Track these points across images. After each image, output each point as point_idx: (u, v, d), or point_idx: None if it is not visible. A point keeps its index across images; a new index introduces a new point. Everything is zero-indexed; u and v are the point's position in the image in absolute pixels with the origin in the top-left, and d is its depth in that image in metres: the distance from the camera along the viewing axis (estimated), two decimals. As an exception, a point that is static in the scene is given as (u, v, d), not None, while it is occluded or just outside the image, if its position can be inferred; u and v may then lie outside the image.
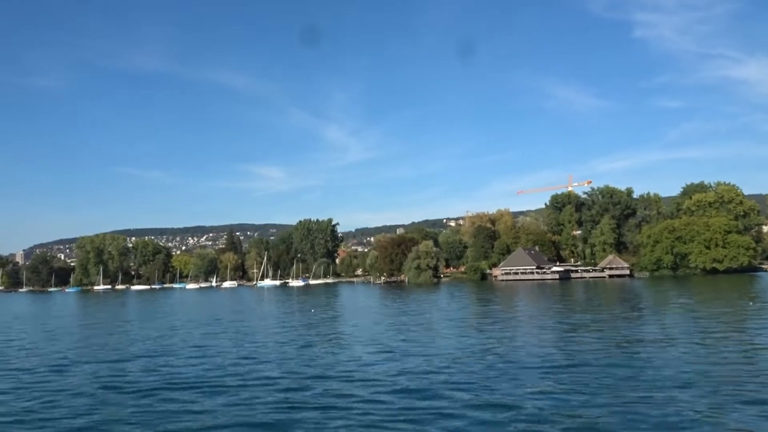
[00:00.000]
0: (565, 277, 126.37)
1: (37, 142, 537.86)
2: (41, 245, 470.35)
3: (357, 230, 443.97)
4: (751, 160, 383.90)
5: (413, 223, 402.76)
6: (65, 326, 51.79)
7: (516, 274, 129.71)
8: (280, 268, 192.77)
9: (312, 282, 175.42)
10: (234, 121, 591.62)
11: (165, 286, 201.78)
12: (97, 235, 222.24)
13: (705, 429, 14.19)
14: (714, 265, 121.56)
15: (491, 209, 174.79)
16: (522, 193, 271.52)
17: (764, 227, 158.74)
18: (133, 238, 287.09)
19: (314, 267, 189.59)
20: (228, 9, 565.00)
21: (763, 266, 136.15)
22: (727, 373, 20.19)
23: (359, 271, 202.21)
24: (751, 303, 48.71)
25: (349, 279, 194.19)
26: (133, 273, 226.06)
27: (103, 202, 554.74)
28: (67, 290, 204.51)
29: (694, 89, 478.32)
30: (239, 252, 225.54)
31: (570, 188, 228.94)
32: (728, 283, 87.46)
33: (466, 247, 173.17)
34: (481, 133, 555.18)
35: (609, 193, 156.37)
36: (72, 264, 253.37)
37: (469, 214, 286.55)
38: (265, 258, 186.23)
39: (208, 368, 24.80)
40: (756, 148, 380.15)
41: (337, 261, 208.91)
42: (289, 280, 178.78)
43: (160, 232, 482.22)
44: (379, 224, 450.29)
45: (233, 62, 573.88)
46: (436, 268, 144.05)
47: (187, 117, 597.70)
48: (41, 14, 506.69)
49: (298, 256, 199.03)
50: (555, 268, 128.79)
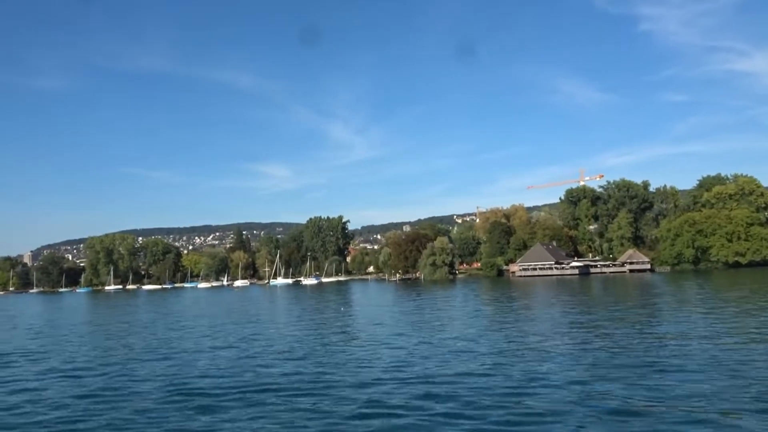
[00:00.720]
0: (584, 272, 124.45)
1: (43, 143, 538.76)
2: (48, 246, 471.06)
3: (363, 228, 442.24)
4: (758, 153, 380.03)
5: (419, 220, 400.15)
6: (119, 329, 49.69)
7: (534, 269, 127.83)
8: (291, 267, 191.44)
9: (324, 280, 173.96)
10: (239, 119, 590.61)
11: (176, 285, 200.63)
12: (106, 235, 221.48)
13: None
14: (737, 258, 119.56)
15: (498, 205, 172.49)
16: (532, 188, 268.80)
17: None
18: (140, 238, 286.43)
19: (326, 265, 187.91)
20: (231, 8, 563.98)
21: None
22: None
23: (370, 269, 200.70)
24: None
25: (361, 277, 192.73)
26: (142, 273, 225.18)
27: (109, 202, 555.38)
28: (78, 290, 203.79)
29: (700, 83, 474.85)
30: (248, 250, 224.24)
31: (582, 182, 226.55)
32: (754, 276, 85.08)
33: (479, 243, 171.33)
34: (486, 129, 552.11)
35: (625, 186, 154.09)
36: (81, 264, 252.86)
37: (480, 210, 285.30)
38: (278, 256, 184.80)
39: (321, 371, 23.62)
40: (763, 141, 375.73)
41: (348, 259, 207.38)
42: (302, 279, 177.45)
43: (167, 231, 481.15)
44: (386, 222, 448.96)
45: (237, 61, 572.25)
46: (451, 265, 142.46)
47: (192, 116, 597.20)
48: (44, 15, 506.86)
49: (309, 254, 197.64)
50: (574, 264, 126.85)
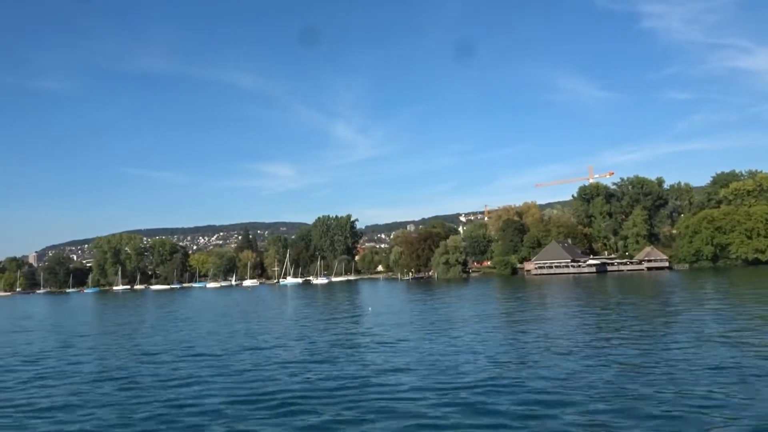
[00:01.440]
0: (601, 270, 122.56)
1: (46, 144, 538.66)
2: (53, 247, 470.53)
3: (367, 227, 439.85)
4: (762, 151, 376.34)
5: (424, 219, 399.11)
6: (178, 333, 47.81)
7: (550, 267, 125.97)
8: (300, 266, 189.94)
9: (334, 279, 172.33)
10: (242, 119, 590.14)
11: (184, 285, 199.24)
12: (113, 235, 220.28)
13: None
14: (756, 255, 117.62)
15: (504, 204, 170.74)
16: (541, 185, 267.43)
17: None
18: (145, 239, 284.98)
19: (336, 264, 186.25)
20: (234, 8, 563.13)
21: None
22: None
23: (379, 268, 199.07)
24: None
25: (370, 276, 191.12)
26: (149, 273, 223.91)
27: (113, 203, 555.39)
28: (85, 291, 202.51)
29: (703, 80, 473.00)
30: (255, 250, 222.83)
31: (591, 180, 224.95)
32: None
33: (489, 241, 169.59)
34: (488, 128, 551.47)
35: (639, 183, 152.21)
36: (88, 265, 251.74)
37: (488, 208, 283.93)
38: (288, 256, 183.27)
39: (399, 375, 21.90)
40: (766, 138, 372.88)
41: (357, 258, 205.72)
42: (312, 278, 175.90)
43: (171, 231, 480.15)
44: (390, 221, 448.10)
45: (240, 61, 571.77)
46: (465, 263, 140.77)
47: (195, 117, 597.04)
48: (47, 17, 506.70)
49: (316, 253, 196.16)
50: (591, 261, 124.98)
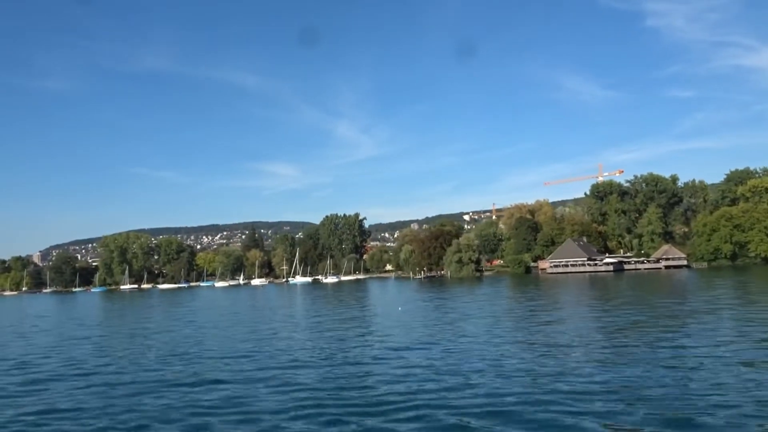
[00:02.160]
0: (618, 269, 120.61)
1: (49, 144, 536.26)
2: (57, 246, 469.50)
3: (371, 226, 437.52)
4: (765, 149, 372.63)
5: (427, 218, 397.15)
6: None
7: (566, 266, 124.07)
8: (308, 265, 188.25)
9: (343, 278, 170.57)
10: (244, 119, 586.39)
11: (191, 284, 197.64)
12: (120, 234, 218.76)
13: None
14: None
15: (506, 202, 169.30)
16: (549, 184, 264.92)
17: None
18: (151, 238, 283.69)
19: (345, 263, 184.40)
20: (236, 8, 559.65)
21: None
22: None
23: (388, 267, 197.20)
24: None
25: (379, 275, 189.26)
26: (156, 272, 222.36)
27: (116, 202, 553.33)
28: (92, 290, 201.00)
29: (707, 78, 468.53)
30: (261, 249, 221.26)
31: (600, 178, 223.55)
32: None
33: (500, 239, 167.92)
34: (491, 127, 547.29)
35: (653, 180, 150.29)
36: (93, 264, 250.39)
37: (495, 207, 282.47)
38: (297, 255, 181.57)
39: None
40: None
41: (365, 257, 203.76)
42: (322, 277, 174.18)
43: (174, 231, 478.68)
44: (393, 220, 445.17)
45: (242, 61, 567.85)
46: (478, 262, 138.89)
47: (198, 116, 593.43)
48: (50, 17, 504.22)
49: (326, 252, 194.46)
50: (608, 260, 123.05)
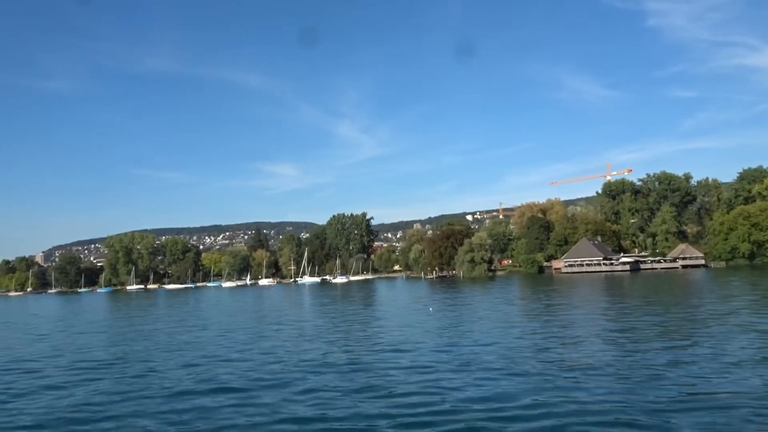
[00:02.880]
0: (635, 268, 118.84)
1: (52, 145, 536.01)
2: (60, 247, 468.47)
3: (373, 226, 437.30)
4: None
5: (430, 218, 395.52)
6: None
7: (581, 266, 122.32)
8: (315, 265, 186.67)
9: (352, 278, 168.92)
10: (246, 119, 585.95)
11: (198, 285, 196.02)
12: (125, 234, 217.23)
13: None
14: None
15: (509, 202, 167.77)
16: (555, 183, 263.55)
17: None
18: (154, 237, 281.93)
19: (353, 263, 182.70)
20: (238, 8, 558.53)
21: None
22: None
23: (396, 267, 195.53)
24: None
25: (387, 275, 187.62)
26: (161, 272, 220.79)
27: (118, 203, 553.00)
28: (98, 291, 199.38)
29: (708, 78, 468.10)
30: (267, 249, 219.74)
31: (609, 177, 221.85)
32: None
33: (510, 239, 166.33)
34: (493, 127, 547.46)
35: (666, 179, 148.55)
36: (98, 264, 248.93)
37: (503, 206, 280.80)
38: (306, 254, 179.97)
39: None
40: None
41: (373, 257, 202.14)
42: (331, 277, 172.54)
43: (177, 231, 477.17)
44: (395, 220, 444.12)
45: (244, 61, 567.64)
46: (490, 262, 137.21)
47: (200, 117, 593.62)
48: (53, 18, 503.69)
49: (334, 252, 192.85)
50: (624, 259, 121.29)
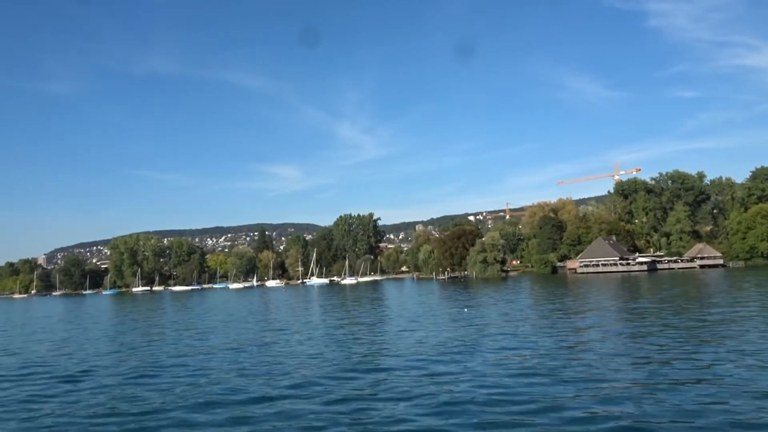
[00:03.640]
0: (652, 268, 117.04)
1: (54, 147, 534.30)
2: (62, 249, 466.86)
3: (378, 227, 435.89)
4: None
5: (432, 219, 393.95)
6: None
7: (596, 266, 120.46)
8: (323, 266, 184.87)
9: (361, 279, 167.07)
10: (247, 121, 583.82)
11: (204, 286, 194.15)
12: (130, 236, 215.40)
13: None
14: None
15: (512, 202, 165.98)
16: (562, 183, 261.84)
17: None
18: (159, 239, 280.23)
19: (361, 264, 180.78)
20: (239, 9, 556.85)
21: None
22: None
23: (403, 267, 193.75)
24: None
25: (395, 275, 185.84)
26: (166, 274, 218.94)
27: (120, 205, 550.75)
28: (104, 292, 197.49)
29: (710, 78, 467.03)
30: (272, 250, 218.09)
31: (617, 176, 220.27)
32: None
33: (519, 239, 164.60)
34: (495, 127, 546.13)
35: (680, 178, 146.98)
36: (103, 266, 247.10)
37: (509, 207, 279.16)
38: (314, 255, 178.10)
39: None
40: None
41: (380, 258, 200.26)
42: (340, 278, 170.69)
43: (179, 233, 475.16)
44: (398, 221, 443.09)
45: (246, 63, 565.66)
46: (503, 262, 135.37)
47: (201, 118, 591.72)
48: (53, 20, 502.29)
49: (342, 252, 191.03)
50: (640, 259, 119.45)
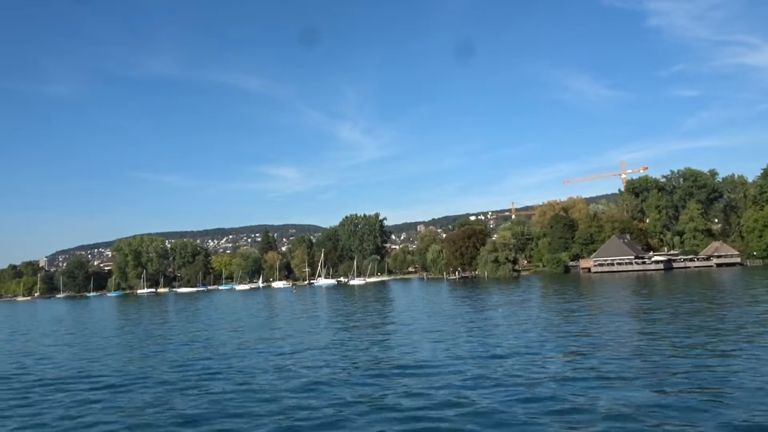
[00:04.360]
0: (668, 267, 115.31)
1: (54, 149, 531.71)
2: (63, 251, 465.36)
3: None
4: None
5: (433, 219, 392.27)
6: None
7: (611, 265, 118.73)
8: (330, 267, 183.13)
9: (369, 280, 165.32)
10: (248, 122, 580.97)
11: (210, 288, 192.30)
12: (134, 237, 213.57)
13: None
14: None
15: (513, 202, 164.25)
16: (568, 182, 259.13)
17: None
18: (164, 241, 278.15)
19: (369, 265, 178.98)
20: (239, 11, 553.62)
21: None
22: None
23: (410, 268, 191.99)
24: None
25: (403, 276, 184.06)
26: (171, 275, 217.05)
27: (121, 207, 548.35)
28: (108, 294, 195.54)
29: (710, 77, 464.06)
30: (276, 251, 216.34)
31: (623, 175, 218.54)
32: None
33: (528, 238, 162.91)
34: (496, 128, 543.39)
35: (692, 176, 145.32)
36: (106, 268, 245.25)
37: (515, 206, 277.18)
38: (322, 256, 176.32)
39: None
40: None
41: (387, 258, 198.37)
42: (346, 279, 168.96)
43: (180, 235, 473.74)
44: (399, 222, 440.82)
45: (246, 64, 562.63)
46: (515, 261, 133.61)
47: (201, 120, 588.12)
48: (54, 23, 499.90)
49: (349, 253, 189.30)
50: (656, 258, 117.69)
